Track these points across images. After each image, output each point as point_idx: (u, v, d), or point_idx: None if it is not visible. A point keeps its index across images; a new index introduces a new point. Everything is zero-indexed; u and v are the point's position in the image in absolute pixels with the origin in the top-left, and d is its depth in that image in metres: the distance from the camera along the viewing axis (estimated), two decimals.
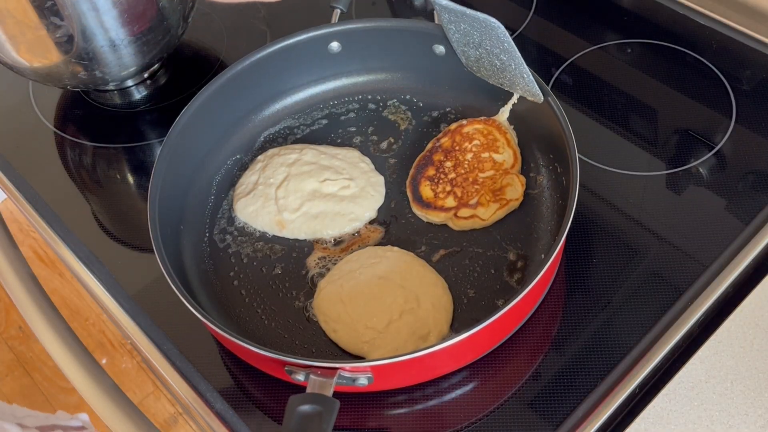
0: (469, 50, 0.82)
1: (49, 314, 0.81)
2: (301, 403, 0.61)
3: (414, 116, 0.90)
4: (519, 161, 0.83)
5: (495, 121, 0.85)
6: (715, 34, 0.94)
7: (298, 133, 0.91)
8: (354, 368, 0.64)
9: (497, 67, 0.80)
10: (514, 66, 0.78)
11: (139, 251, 0.86)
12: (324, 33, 0.88)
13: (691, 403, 0.66)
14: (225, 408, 0.71)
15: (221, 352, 0.76)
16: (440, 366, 0.70)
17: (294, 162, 0.85)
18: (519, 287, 0.72)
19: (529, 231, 0.79)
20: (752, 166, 0.82)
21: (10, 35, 0.85)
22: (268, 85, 0.90)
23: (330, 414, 0.60)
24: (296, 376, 0.65)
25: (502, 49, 0.77)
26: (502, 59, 0.78)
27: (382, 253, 0.78)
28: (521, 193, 0.80)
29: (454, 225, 0.80)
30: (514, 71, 0.78)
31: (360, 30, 0.89)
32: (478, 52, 0.80)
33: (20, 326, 1.96)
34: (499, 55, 0.78)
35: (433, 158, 0.84)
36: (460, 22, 0.79)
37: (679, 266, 0.75)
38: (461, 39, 0.81)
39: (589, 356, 0.70)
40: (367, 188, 0.83)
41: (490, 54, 0.79)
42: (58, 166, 0.95)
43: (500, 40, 0.76)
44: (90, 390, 0.75)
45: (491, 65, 0.81)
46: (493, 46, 0.78)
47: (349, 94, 0.93)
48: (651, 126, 0.87)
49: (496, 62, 0.79)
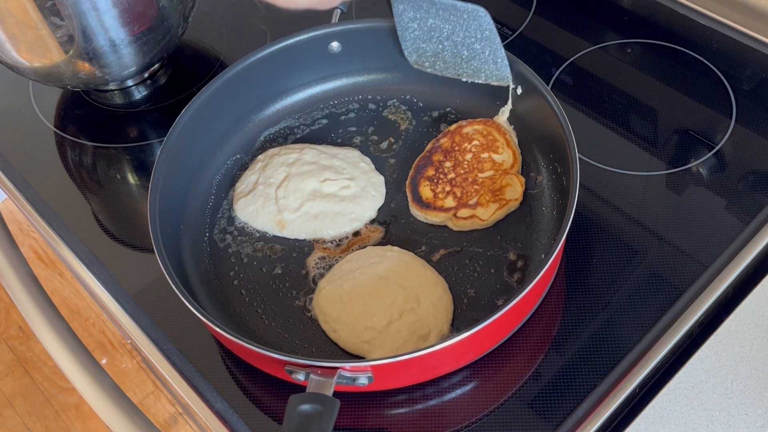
0: (427, 46, 0.83)
1: (49, 314, 0.81)
2: (301, 403, 0.61)
3: (414, 116, 0.90)
4: (518, 161, 0.83)
5: (494, 122, 0.85)
6: (715, 34, 0.94)
7: (298, 132, 0.91)
8: (354, 368, 0.64)
9: (463, 57, 0.82)
10: (489, 52, 0.80)
11: (139, 251, 0.86)
12: (324, 33, 0.89)
13: (691, 403, 0.66)
14: (225, 408, 0.71)
15: (221, 352, 0.76)
16: (440, 366, 0.70)
17: (294, 162, 0.85)
18: (519, 287, 0.72)
19: (530, 231, 0.79)
20: (752, 166, 0.82)
21: (11, 35, 0.85)
22: (269, 85, 0.90)
23: (330, 413, 0.60)
24: (296, 376, 0.65)
25: (478, 37, 0.80)
26: (475, 48, 0.81)
27: (382, 253, 0.78)
28: (521, 193, 0.80)
29: (454, 225, 0.80)
30: (486, 58, 0.81)
31: (360, 30, 0.89)
32: (440, 45, 0.82)
33: (20, 326, 1.96)
34: (472, 44, 0.80)
35: (433, 158, 0.84)
36: (427, 19, 0.81)
37: (679, 266, 0.75)
38: (421, 36, 0.83)
39: (589, 356, 0.70)
40: (367, 188, 0.83)
41: (458, 45, 0.81)
42: (58, 166, 0.95)
43: (482, 28, 0.79)
44: (90, 390, 0.75)
45: (454, 57, 0.82)
46: (467, 36, 0.80)
47: (349, 93, 0.93)
48: (651, 126, 0.87)
49: (463, 52, 0.82)
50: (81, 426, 1.79)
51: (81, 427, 1.79)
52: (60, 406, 1.82)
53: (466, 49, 0.81)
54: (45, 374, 1.88)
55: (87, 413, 1.80)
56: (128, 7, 0.85)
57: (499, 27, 0.98)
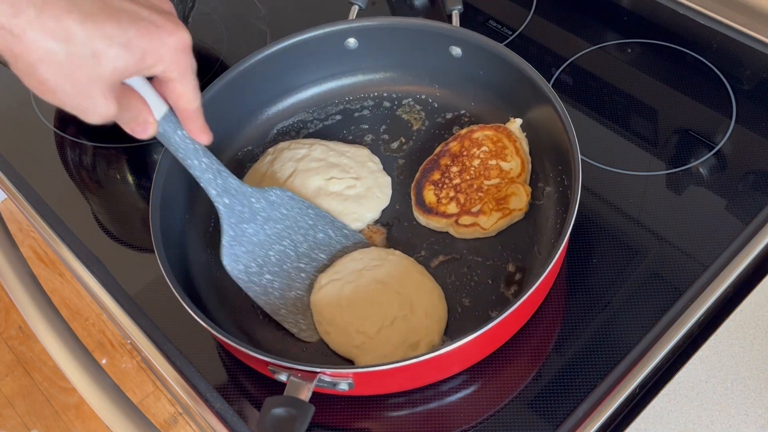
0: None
1: (49, 314, 0.81)
2: (275, 406, 0.61)
3: (427, 117, 0.90)
4: (527, 171, 0.81)
5: (506, 129, 0.83)
6: (715, 34, 0.94)
7: (311, 127, 0.91)
8: (335, 374, 0.64)
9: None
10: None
11: (139, 251, 0.86)
12: (341, 29, 0.88)
13: (691, 403, 0.66)
14: (225, 408, 0.71)
15: (221, 352, 0.76)
16: (425, 376, 0.69)
17: (302, 157, 0.84)
18: (514, 300, 0.71)
19: (531, 243, 0.77)
20: (752, 166, 0.82)
21: None
22: (284, 79, 0.90)
23: (303, 418, 0.60)
24: (279, 377, 0.65)
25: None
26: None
27: (385, 256, 0.77)
28: (526, 203, 0.78)
29: (455, 232, 0.79)
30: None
31: (377, 27, 0.88)
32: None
33: (20, 326, 1.96)
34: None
35: (440, 162, 0.83)
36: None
37: (679, 266, 0.75)
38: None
39: (589, 356, 0.70)
40: (373, 188, 0.83)
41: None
42: (58, 166, 0.95)
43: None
44: (90, 390, 0.74)
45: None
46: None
47: (364, 90, 0.93)
48: (651, 126, 0.87)
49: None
50: (81, 426, 1.79)
51: (81, 427, 1.79)
52: (60, 406, 1.82)
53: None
54: (45, 374, 1.88)
55: (87, 413, 1.80)
56: None
57: (498, 27, 0.99)
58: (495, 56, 0.83)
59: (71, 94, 0.51)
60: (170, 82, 0.58)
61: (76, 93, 0.51)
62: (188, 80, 0.58)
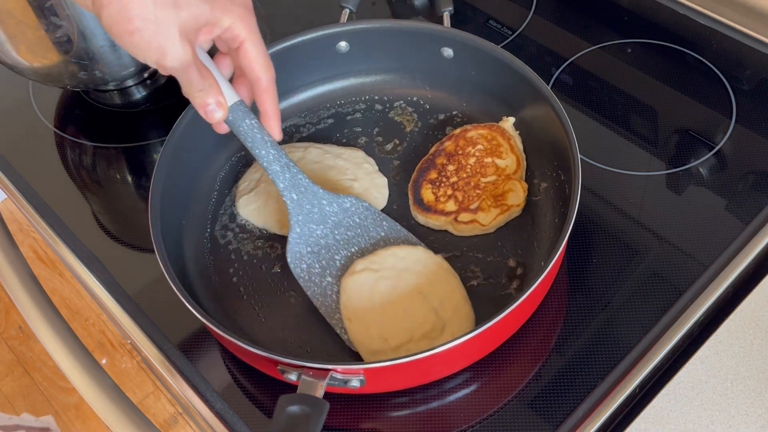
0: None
1: (49, 314, 0.80)
2: (290, 404, 0.60)
3: (420, 118, 0.90)
4: (522, 167, 0.82)
5: (499, 127, 0.84)
6: (715, 34, 0.94)
7: (303, 131, 0.91)
8: (346, 370, 0.64)
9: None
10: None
11: (139, 251, 0.86)
12: (332, 32, 0.88)
13: (691, 403, 0.66)
14: (225, 408, 0.71)
15: (221, 352, 0.76)
16: (434, 371, 0.69)
17: (298, 160, 0.85)
18: (517, 295, 0.71)
19: (531, 238, 0.78)
20: (752, 166, 0.82)
21: (10, 35, 0.85)
22: (276, 83, 0.90)
23: (319, 415, 0.60)
24: (288, 376, 0.65)
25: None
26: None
27: (431, 263, 0.75)
28: (523, 199, 0.79)
29: (455, 230, 0.80)
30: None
31: (368, 30, 0.88)
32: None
33: (20, 326, 1.96)
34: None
35: (436, 162, 0.84)
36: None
37: (679, 266, 0.75)
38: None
39: (589, 356, 0.70)
40: (370, 189, 0.83)
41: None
42: (58, 166, 0.95)
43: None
44: (90, 390, 0.74)
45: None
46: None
47: (356, 93, 0.93)
48: (651, 126, 0.87)
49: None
50: (81, 426, 1.79)
51: (81, 427, 1.79)
52: (60, 406, 1.82)
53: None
54: (45, 374, 1.88)
55: (87, 413, 1.80)
56: None
57: (498, 27, 0.99)
58: (488, 56, 0.83)
59: (154, 32, 0.59)
60: (241, 43, 0.65)
61: (158, 33, 0.59)
62: (258, 41, 0.66)
